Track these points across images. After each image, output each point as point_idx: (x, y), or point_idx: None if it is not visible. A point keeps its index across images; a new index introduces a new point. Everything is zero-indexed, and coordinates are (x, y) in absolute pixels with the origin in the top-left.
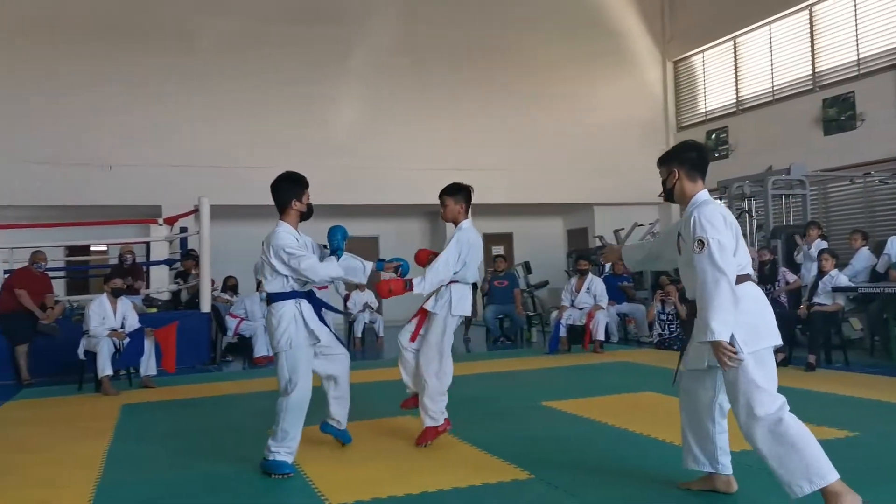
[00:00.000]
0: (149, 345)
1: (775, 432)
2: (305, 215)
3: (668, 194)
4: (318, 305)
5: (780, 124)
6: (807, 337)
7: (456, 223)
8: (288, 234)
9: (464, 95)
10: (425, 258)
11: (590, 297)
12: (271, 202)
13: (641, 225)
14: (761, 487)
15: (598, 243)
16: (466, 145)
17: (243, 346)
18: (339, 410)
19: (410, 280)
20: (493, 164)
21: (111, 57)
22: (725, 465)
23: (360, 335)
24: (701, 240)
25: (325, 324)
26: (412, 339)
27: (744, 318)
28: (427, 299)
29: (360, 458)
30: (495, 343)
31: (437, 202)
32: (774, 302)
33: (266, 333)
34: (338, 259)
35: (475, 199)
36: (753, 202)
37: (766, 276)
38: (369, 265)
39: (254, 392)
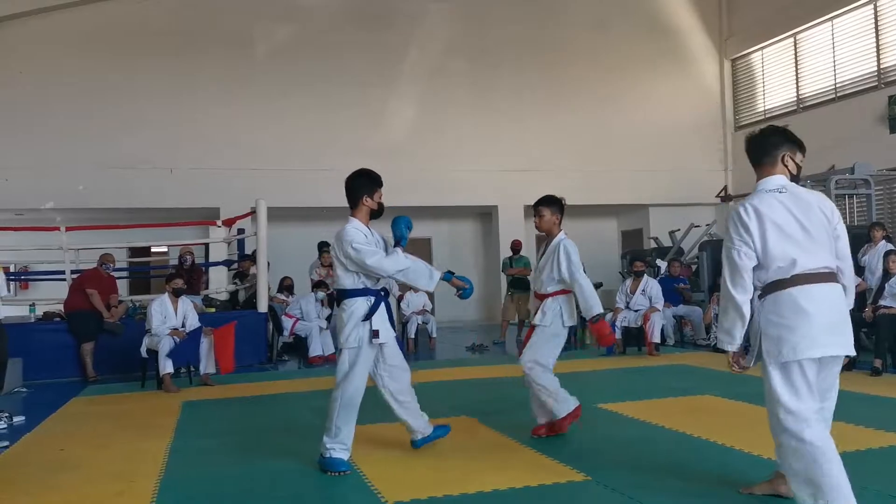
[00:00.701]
0: (207, 343)
1: (791, 447)
2: (376, 213)
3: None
4: (389, 306)
5: (843, 122)
6: (872, 341)
7: (550, 234)
8: (357, 231)
9: (517, 97)
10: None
11: (645, 298)
12: (327, 204)
13: (698, 226)
14: None
15: (653, 244)
16: (520, 147)
17: (298, 345)
18: (415, 422)
19: (595, 316)
20: (546, 166)
21: (173, 64)
22: None
23: (413, 336)
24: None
25: (393, 327)
26: (520, 354)
27: (772, 329)
28: (534, 315)
29: (416, 458)
30: None
31: (490, 203)
32: None
33: (320, 333)
34: (402, 249)
35: (530, 201)
36: None
37: None
38: (437, 273)
39: (309, 391)
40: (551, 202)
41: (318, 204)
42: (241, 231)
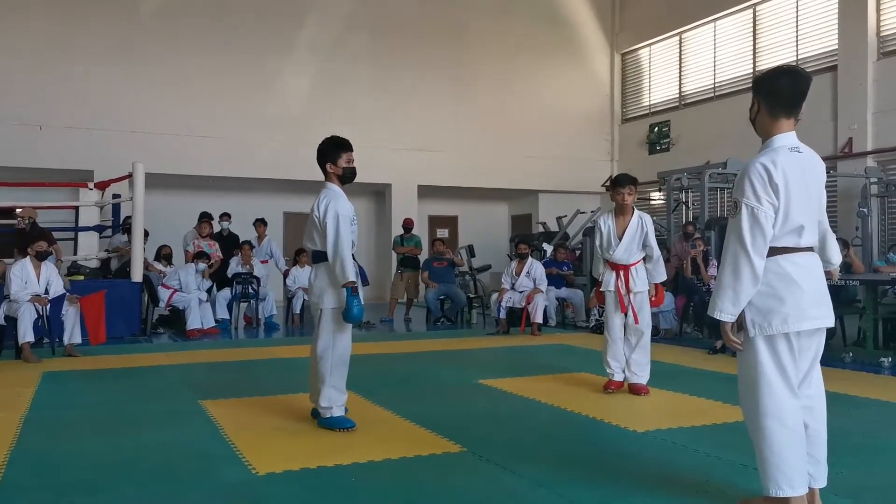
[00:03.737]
0: (73, 312)
1: (770, 430)
2: (343, 178)
3: (754, 127)
4: (362, 270)
5: (719, 120)
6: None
7: (627, 209)
8: (347, 203)
9: (416, 76)
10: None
11: (529, 280)
12: (213, 173)
13: (584, 213)
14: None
15: (541, 229)
16: (416, 126)
17: (175, 318)
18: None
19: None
20: (441, 146)
21: (48, 15)
22: (813, 475)
23: (298, 311)
24: (735, 202)
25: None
26: (637, 322)
27: (761, 299)
28: (630, 282)
29: (294, 431)
30: (436, 324)
31: (383, 181)
32: (707, 291)
33: (199, 306)
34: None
35: (423, 181)
36: (691, 194)
37: (698, 266)
38: (350, 278)
39: (184, 363)
40: (636, 182)
41: (204, 172)
42: (116, 196)
